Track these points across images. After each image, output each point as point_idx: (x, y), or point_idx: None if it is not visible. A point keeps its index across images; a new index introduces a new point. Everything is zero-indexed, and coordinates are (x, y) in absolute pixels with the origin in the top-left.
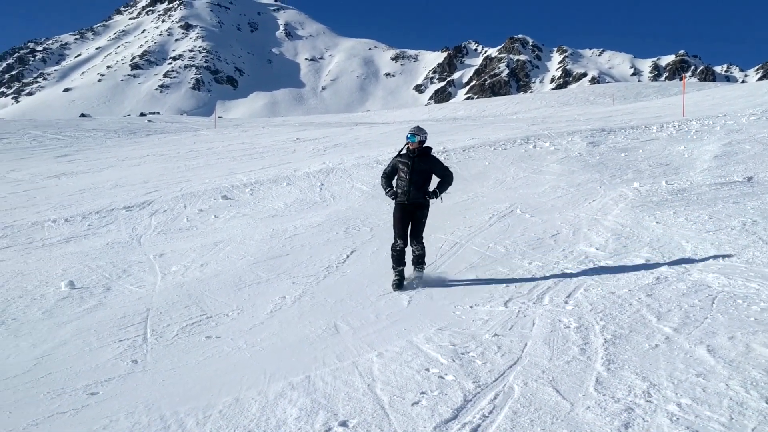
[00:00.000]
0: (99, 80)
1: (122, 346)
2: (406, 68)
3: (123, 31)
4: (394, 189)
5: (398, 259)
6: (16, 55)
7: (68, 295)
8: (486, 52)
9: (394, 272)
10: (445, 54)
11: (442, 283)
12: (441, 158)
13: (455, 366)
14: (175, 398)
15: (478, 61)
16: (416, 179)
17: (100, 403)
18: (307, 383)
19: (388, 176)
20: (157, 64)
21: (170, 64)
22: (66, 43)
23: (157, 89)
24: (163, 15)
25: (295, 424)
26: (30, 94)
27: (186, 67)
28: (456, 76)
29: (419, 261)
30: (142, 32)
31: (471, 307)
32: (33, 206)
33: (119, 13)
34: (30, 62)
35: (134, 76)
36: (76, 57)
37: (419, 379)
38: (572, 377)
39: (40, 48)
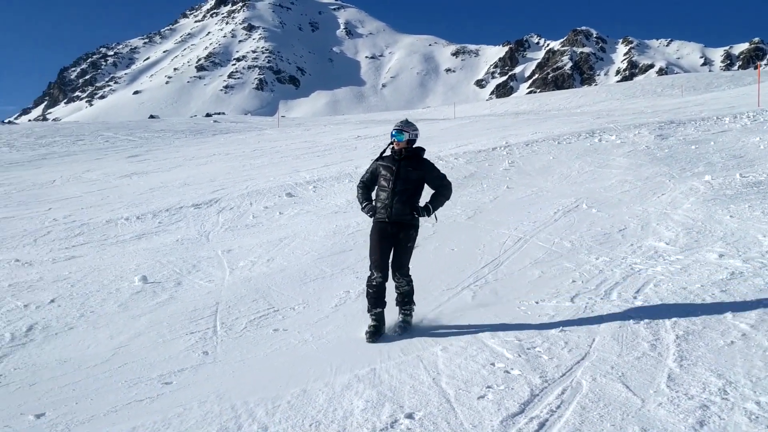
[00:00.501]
0: (166, 82)
1: (193, 338)
2: (467, 63)
3: (189, 33)
4: (373, 202)
5: (375, 299)
6: (90, 60)
7: (141, 289)
8: (548, 45)
9: (370, 316)
10: (506, 48)
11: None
12: (436, 162)
13: (521, 361)
14: (244, 389)
15: (540, 55)
16: (401, 190)
17: (174, 392)
18: (373, 376)
19: (365, 185)
20: (221, 66)
21: (234, 65)
22: (135, 47)
23: (221, 90)
24: (227, 17)
25: (362, 415)
26: (102, 97)
27: (249, 67)
28: (518, 70)
29: (405, 301)
30: (207, 34)
31: (536, 303)
32: (107, 204)
33: (185, 16)
34: (102, 67)
35: (200, 77)
36: (144, 60)
37: (485, 373)
38: (643, 373)
39: (111, 53)
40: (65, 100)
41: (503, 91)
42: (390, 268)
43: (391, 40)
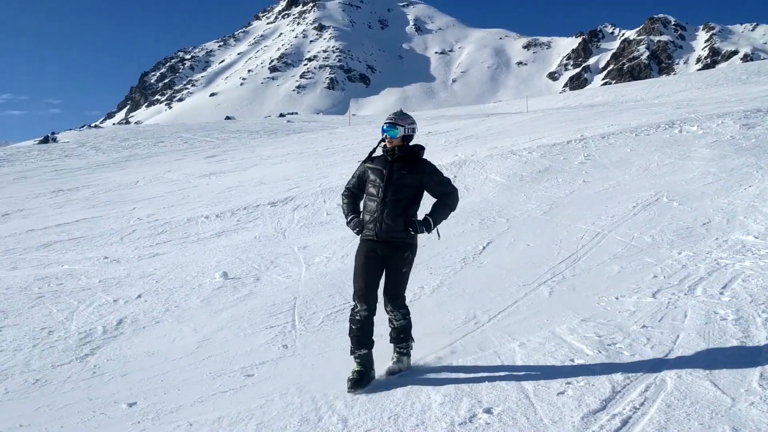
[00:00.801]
0: (241, 84)
1: (273, 332)
2: (539, 56)
3: (261, 35)
4: (360, 215)
5: (360, 338)
6: (168, 64)
7: (222, 284)
8: (623, 34)
9: (354, 359)
10: (579, 39)
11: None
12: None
13: (601, 357)
14: (323, 381)
15: (615, 45)
16: (394, 200)
17: (256, 384)
18: (450, 371)
19: (351, 193)
20: (293, 66)
21: (306, 65)
22: (211, 51)
23: (294, 90)
24: (298, 18)
25: (440, 409)
26: (181, 100)
27: (321, 67)
28: (591, 61)
29: (401, 337)
30: (279, 36)
31: (616, 299)
32: (187, 204)
33: (257, 18)
34: (180, 70)
35: (273, 78)
36: (220, 63)
37: (564, 369)
38: (732, 371)
39: (188, 56)
40: (146, 104)
41: (577, 83)
42: (383, 297)
43: (461, 34)
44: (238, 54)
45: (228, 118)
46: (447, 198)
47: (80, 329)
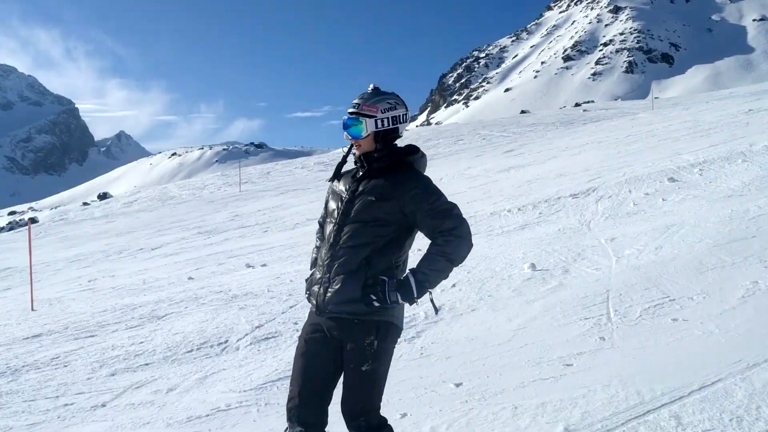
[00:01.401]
0: (534, 77)
1: (588, 324)
2: None
3: (554, 26)
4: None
5: None
6: (464, 64)
7: (531, 276)
8: None
9: None
10: None
11: None
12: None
13: None
14: (647, 376)
15: None
16: (350, 246)
17: (575, 373)
18: None
19: (323, 229)
20: (588, 53)
21: (601, 50)
22: (504, 47)
23: (589, 78)
24: (592, 3)
25: None
26: (476, 98)
27: (617, 51)
28: None
29: None
30: (572, 24)
31: None
32: (489, 198)
33: (549, 9)
34: (475, 69)
35: (567, 68)
36: (513, 58)
37: None
38: None
39: (482, 55)
40: (445, 105)
41: None
42: (341, 410)
43: None
44: (531, 47)
45: (523, 112)
46: (443, 240)
47: (405, 314)
